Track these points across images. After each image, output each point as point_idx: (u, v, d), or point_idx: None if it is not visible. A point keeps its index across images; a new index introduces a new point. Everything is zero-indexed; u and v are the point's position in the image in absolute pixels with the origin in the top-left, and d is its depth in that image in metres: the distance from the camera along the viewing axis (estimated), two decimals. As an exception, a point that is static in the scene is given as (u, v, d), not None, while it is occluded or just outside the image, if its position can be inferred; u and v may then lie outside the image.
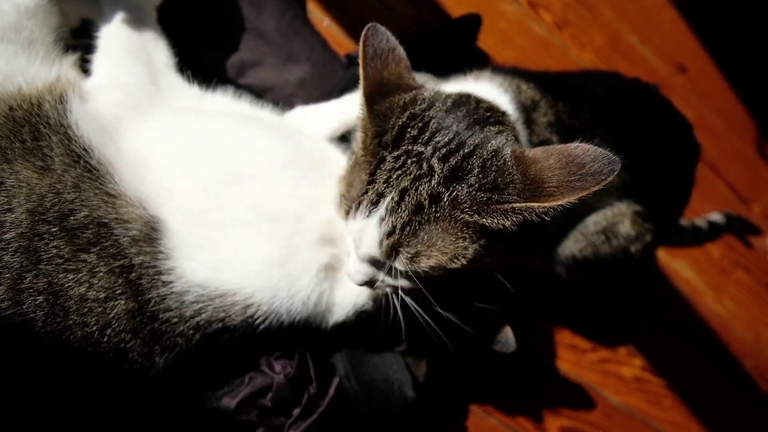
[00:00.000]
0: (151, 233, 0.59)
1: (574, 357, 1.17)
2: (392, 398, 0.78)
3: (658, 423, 1.23)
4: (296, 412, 0.69)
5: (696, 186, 1.00)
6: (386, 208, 0.55)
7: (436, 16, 1.17)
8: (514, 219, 0.53)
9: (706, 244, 1.39)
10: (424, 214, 0.55)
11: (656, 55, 1.45)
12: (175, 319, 0.60)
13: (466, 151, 0.56)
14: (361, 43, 0.59)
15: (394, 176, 0.56)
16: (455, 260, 0.56)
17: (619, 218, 0.83)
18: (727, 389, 1.36)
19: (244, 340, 0.64)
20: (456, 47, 1.10)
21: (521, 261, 1.05)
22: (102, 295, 0.57)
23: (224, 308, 0.61)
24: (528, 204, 0.52)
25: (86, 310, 0.57)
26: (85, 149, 0.60)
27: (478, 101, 0.63)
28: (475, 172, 0.55)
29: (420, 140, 0.57)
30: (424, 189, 0.55)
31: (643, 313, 1.29)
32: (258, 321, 0.63)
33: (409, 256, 0.56)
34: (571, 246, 0.86)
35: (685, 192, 0.97)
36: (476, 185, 0.54)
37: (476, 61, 1.10)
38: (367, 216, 0.57)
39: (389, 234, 0.56)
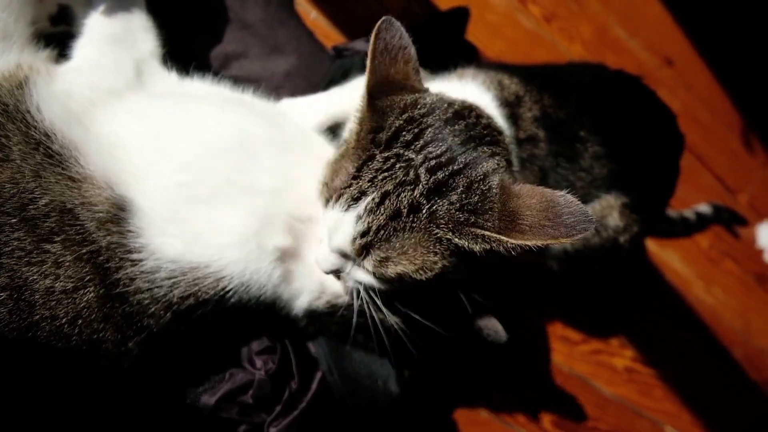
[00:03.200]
0: (118, 213, 0.58)
1: (566, 348, 1.17)
2: (376, 393, 0.78)
3: (650, 413, 1.24)
4: (278, 408, 0.68)
5: (683, 177, 1.01)
6: (365, 207, 0.55)
7: (425, 8, 1.16)
8: (484, 246, 0.53)
9: (694, 235, 1.40)
10: (400, 221, 0.55)
11: (643, 47, 1.46)
12: (147, 300, 0.59)
13: (455, 168, 0.56)
14: (373, 35, 0.58)
15: (380, 177, 0.56)
16: (422, 272, 0.56)
17: (607, 211, 0.84)
18: (717, 378, 1.37)
19: (216, 317, 0.63)
20: (445, 40, 1.09)
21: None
22: (70, 285, 0.55)
23: (196, 282, 0.60)
24: (498, 236, 0.52)
25: (54, 302, 0.55)
26: (46, 134, 0.58)
27: (479, 116, 0.62)
28: (459, 191, 0.55)
29: (413, 147, 0.57)
30: (405, 197, 0.55)
31: (635, 300, 1.30)
32: (229, 294, 0.62)
33: (378, 259, 0.56)
34: None
35: (670, 182, 0.98)
36: (457, 204, 0.54)
37: (465, 54, 1.10)
38: (345, 210, 0.56)
39: (363, 234, 0.56)
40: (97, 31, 0.69)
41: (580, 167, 0.80)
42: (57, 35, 0.72)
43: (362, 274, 0.60)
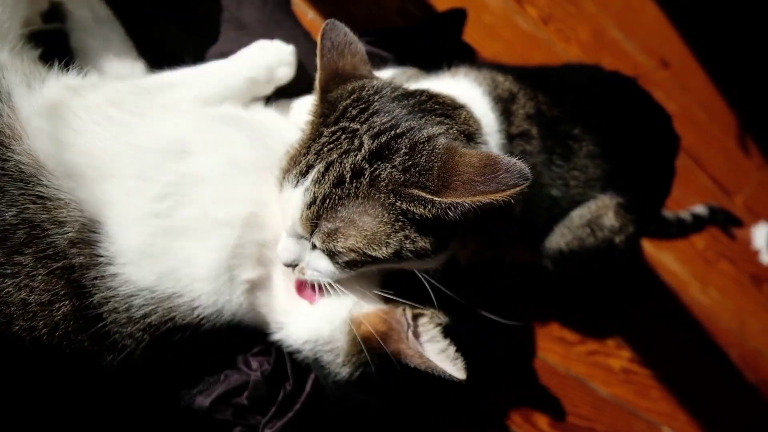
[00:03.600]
0: (90, 236, 0.57)
1: (563, 349, 1.17)
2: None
3: (646, 414, 1.24)
4: (272, 410, 0.68)
5: (679, 178, 1.01)
6: (312, 179, 0.55)
7: (422, 9, 1.16)
8: (426, 210, 0.52)
9: (690, 236, 1.41)
10: (344, 188, 0.54)
11: (640, 49, 1.46)
12: (123, 321, 0.59)
13: (398, 131, 0.56)
14: (319, 36, 0.61)
15: (326, 149, 0.56)
16: (375, 246, 0.55)
17: (602, 210, 0.84)
18: (713, 379, 1.38)
19: (196, 340, 0.64)
20: (442, 41, 1.09)
21: (508, 254, 1.05)
22: (45, 298, 0.55)
23: (171, 309, 0.60)
24: (431, 196, 0.51)
25: (31, 315, 0.55)
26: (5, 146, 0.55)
27: (432, 96, 0.62)
28: (402, 152, 0.54)
29: (358, 119, 0.57)
30: (348, 162, 0.54)
31: (631, 301, 1.30)
32: (203, 322, 0.63)
33: (326, 231, 0.55)
34: (558, 240, 0.87)
35: (666, 182, 0.98)
36: (399, 167, 0.54)
37: (462, 55, 1.10)
38: (295, 186, 0.57)
39: (310, 204, 0.55)
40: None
41: (574, 166, 0.80)
42: (43, 34, 0.71)
43: (320, 262, 0.59)
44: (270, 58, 0.80)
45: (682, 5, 1.54)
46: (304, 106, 0.81)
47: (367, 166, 0.54)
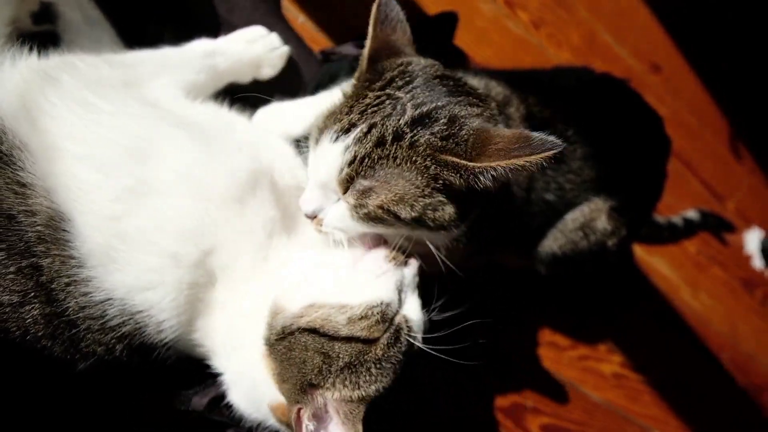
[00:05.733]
0: (57, 229, 0.54)
1: (554, 354, 1.17)
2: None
3: (637, 418, 1.24)
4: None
5: (671, 183, 1.01)
6: (353, 138, 0.58)
7: (413, 13, 1.16)
8: (459, 178, 0.56)
9: (682, 241, 1.41)
10: (384, 149, 0.57)
11: (631, 54, 1.47)
12: (96, 328, 0.57)
13: (439, 104, 0.59)
14: (374, 6, 0.64)
15: (370, 111, 0.59)
16: (402, 206, 0.58)
17: (595, 214, 0.84)
18: (704, 383, 1.38)
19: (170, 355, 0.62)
20: (433, 45, 1.09)
21: (501, 260, 1.05)
22: (15, 299, 0.54)
23: (143, 323, 0.58)
24: (465, 162, 0.55)
25: (4, 315, 0.54)
26: None
27: (467, 82, 0.66)
28: (441, 122, 0.58)
29: (403, 89, 0.60)
30: (390, 125, 0.57)
31: (622, 306, 1.30)
32: (169, 345, 0.61)
33: (361, 188, 0.58)
34: (551, 244, 0.87)
35: (657, 185, 0.98)
36: (437, 134, 0.57)
37: (453, 59, 1.10)
38: (335, 141, 0.59)
39: (350, 162, 0.58)
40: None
41: (569, 169, 0.80)
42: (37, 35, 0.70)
43: (339, 216, 0.61)
44: (259, 46, 0.82)
45: (673, 9, 1.55)
46: (270, 115, 0.82)
47: (408, 130, 0.57)
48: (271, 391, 0.61)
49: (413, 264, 0.65)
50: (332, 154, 0.59)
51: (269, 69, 0.86)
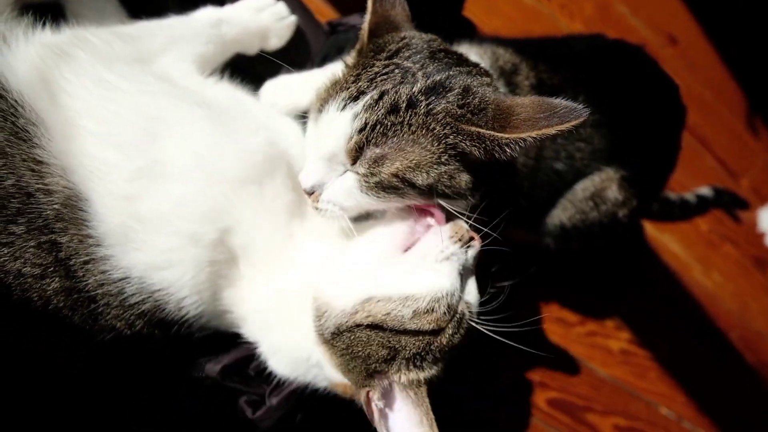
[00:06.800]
0: (75, 207, 0.55)
1: (562, 330, 1.17)
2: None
3: (644, 394, 1.25)
4: (275, 380, 0.68)
5: (684, 159, 0.99)
6: (363, 105, 0.55)
7: (422, -16, 1.13)
8: (480, 148, 0.55)
9: (694, 218, 1.39)
10: (399, 115, 0.55)
11: (647, 25, 1.43)
12: (115, 304, 0.58)
13: (450, 73, 0.58)
14: None
15: (379, 79, 0.57)
16: (417, 173, 0.56)
17: (606, 183, 0.83)
18: (713, 361, 1.38)
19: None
20: (442, 16, 1.07)
21: (508, 234, 1.04)
22: (37, 272, 0.55)
23: (163, 301, 0.59)
24: (493, 133, 0.53)
25: (27, 286, 0.54)
26: (15, 105, 0.54)
27: (468, 59, 0.64)
28: (456, 91, 0.56)
29: (410, 59, 0.59)
30: (404, 92, 0.56)
31: (631, 283, 1.30)
32: (192, 320, 0.62)
33: (373, 157, 0.56)
34: (560, 214, 0.86)
35: (671, 155, 0.95)
36: (454, 103, 0.55)
37: (462, 30, 1.08)
38: (342, 109, 0.56)
39: (360, 130, 0.55)
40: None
41: (579, 137, 0.78)
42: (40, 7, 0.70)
43: (345, 190, 0.59)
44: (267, 15, 0.81)
45: (691, -20, 1.49)
46: (278, 87, 0.80)
47: (422, 98, 0.55)
48: (330, 373, 0.61)
49: (476, 245, 0.61)
50: (340, 123, 0.56)
51: (276, 39, 0.84)
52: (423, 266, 0.58)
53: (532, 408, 1.09)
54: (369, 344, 0.57)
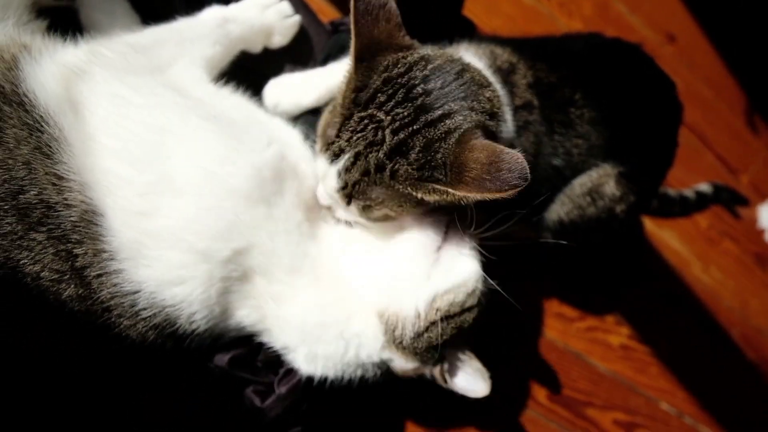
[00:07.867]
0: (91, 222, 0.56)
1: (562, 325, 1.18)
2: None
3: (644, 389, 1.25)
4: (282, 370, 0.70)
5: (684, 157, 1.00)
6: (343, 165, 0.63)
7: (422, -16, 1.14)
8: (438, 197, 0.60)
9: (693, 215, 1.40)
10: (371, 177, 0.62)
11: (645, 24, 1.44)
12: (128, 315, 0.59)
13: (416, 127, 0.60)
14: (352, 0, 0.61)
15: (354, 138, 0.62)
16: (404, 209, 0.65)
17: (604, 179, 0.84)
18: (713, 357, 1.38)
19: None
20: (442, 15, 1.08)
21: (508, 229, 1.05)
22: (54, 276, 0.57)
23: (174, 316, 0.61)
24: (446, 188, 0.58)
25: (43, 289, 0.56)
26: (40, 120, 0.56)
27: (462, 70, 0.64)
28: (416, 150, 0.60)
29: (384, 107, 0.61)
30: (372, 157, 0.61)
31: (631, 279, 1.30)
32: (203, 333, 0.64)
33: (360, 206, 0.65)
34: (558, 210, 0.87)
35: (669, 152, 0.96)
36: (414, 164, 0.60)
37: (462, 30, 1.09)
38: (331, 163, 0.64)
39: (343, 188, 0.64)
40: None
41: (576, 133, 0.79)
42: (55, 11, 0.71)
43: (350, 216, 0.69)
44: (272, 13, 0.83)
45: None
46: (281, 86, 0.82)
47: (387, 161, 0.61)
48: (400, 366, 0.71)
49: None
50: (330, 175, 0.64)
51: (280, 37, 0.86)
52: (459, 257, 0.69)
53: (532, 403, 1.10)
54: (443, 334, 0.67)
